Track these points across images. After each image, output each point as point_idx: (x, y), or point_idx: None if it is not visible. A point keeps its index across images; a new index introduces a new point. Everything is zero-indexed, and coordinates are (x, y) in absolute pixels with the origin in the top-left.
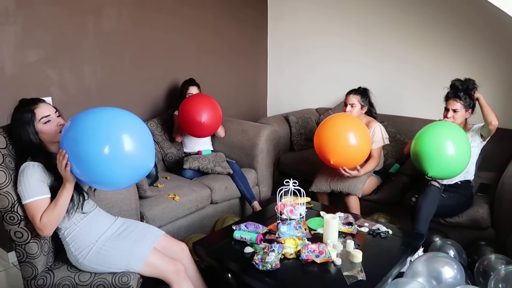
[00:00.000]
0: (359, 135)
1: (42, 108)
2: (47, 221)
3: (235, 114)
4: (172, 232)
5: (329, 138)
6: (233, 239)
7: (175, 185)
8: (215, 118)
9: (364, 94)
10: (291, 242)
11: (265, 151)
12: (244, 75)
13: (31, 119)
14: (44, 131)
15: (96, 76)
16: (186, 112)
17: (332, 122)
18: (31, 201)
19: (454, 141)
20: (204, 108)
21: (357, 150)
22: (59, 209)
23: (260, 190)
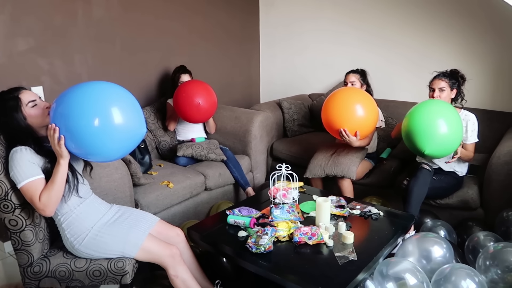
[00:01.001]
0: (369, 104)
1: (26, 94)
2: (47, 200)
3: (228, 101)
4: (167, 219)
5: (341, 105)
6: (227, 224)
7: (169, 173)
8: (211, 102)
9: (363, 74)
10: (284, 225)
11: (258, 137)
12: (237, 62)
13: (18, 105)
14: (32, 114)
15: (87, 64)
16: (184, 93)
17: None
18: (26, 182)
19: (447, 116)
20: (201, 91)
21: (366, 120)
22: (57, 186)
23: (254, 176)
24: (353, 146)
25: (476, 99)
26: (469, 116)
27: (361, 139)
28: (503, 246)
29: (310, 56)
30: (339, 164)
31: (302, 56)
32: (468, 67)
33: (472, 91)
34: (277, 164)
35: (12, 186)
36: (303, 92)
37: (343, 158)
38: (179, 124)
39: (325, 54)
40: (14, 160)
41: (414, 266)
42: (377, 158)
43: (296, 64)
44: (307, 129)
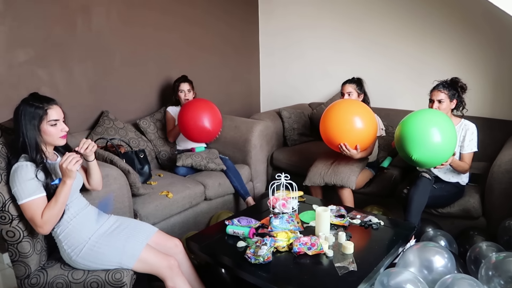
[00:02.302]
0: (367, 116)
1: (55, 111)
2: (48, 218)
3: (228, 111)
4: (166, 229)
5: (339, 120)
6: (226, 234)
7: (169, 182)
8: (217, 124)
9: (359, 83)
10: (284, 236)
11: (258, 146)
12: (237, 71)
13: (41, 117)
14: (48, 132)
15: (87, 75)
16: (192, 118)
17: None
18: (29, 200)
19: (440, 125)
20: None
21: (366, 132)
22: (60, 206)
23: (254, 186)
24: (355, 158)
25: (476, 107)
26: (469, 126)
27: (362, 151)
28: (505, 256)
29: (310, 65)
30: (339, 173)
31: (302, 65)
32: (469, 75)
33: (473, 99)
34: (276, 174)
35: (11, 197)
36: (303, 101)
37: (343, 167)
38: (179, 136)
39: (324, 62)
40: (18, 176)
41: (416, 277)
42: (377, 167)
43: (296, 73)
44: (307, 138)
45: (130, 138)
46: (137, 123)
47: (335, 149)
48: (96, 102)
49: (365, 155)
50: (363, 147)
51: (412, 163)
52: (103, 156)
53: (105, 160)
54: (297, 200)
